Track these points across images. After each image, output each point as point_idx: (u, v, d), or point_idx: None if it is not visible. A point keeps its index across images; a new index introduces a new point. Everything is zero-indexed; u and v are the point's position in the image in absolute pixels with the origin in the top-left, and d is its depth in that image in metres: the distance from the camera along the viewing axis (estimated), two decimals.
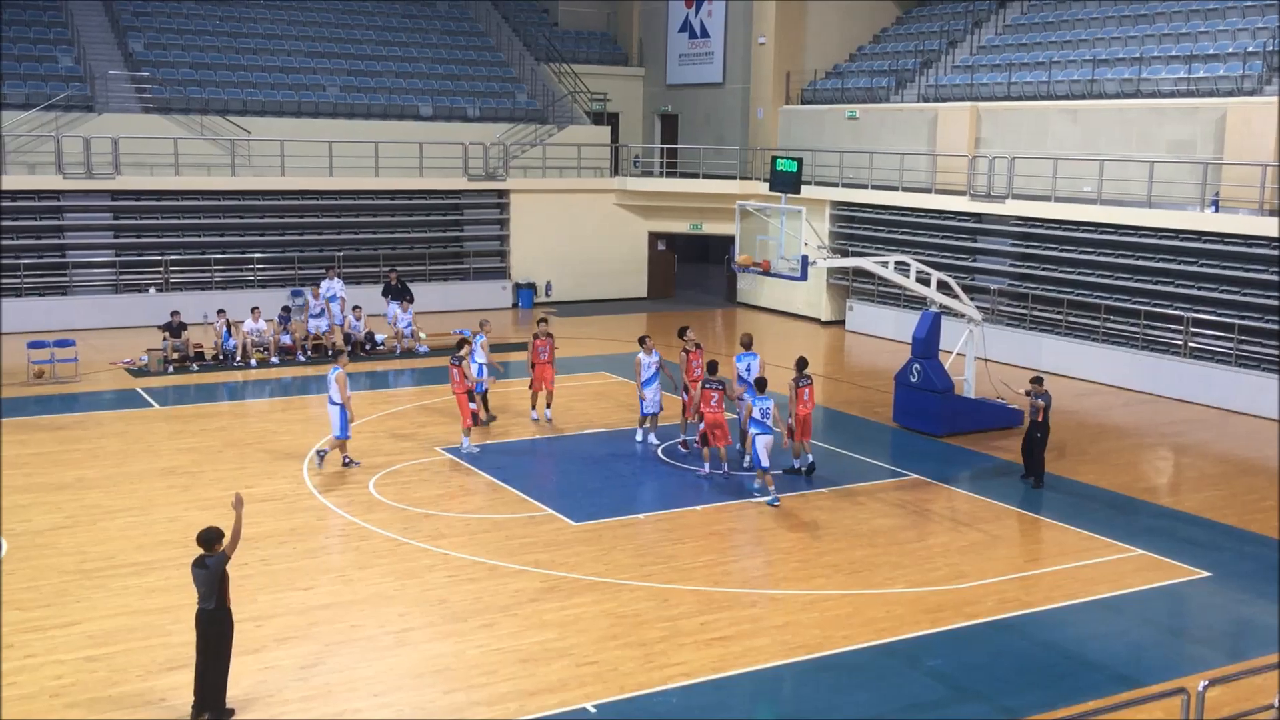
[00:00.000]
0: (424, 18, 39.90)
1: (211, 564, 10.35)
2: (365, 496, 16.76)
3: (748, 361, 18.70)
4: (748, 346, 19.17)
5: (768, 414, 16.92)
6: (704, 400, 17.87)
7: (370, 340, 26.56)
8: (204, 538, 10.51)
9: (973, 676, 11.79)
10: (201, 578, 10.35)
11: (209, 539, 10.51)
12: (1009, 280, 28.44)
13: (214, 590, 10.33)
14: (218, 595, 10.35)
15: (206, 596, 10.35)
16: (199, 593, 10.40)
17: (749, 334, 19.93)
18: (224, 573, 10.39)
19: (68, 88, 30.84)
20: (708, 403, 17.82)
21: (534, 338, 20.93)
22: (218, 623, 10.39)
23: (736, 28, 37.97)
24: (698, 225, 35.91)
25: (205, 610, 10.37)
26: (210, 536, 10.53)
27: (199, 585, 10.39)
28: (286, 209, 32.60)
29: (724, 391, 17.86)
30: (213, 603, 10.34)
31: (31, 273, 29.28)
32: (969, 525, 16.28)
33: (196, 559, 10.48)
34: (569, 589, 13.63)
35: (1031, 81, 29.72)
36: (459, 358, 19.03)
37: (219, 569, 10.34)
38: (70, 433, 19.93)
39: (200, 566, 10.40)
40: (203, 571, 10.36)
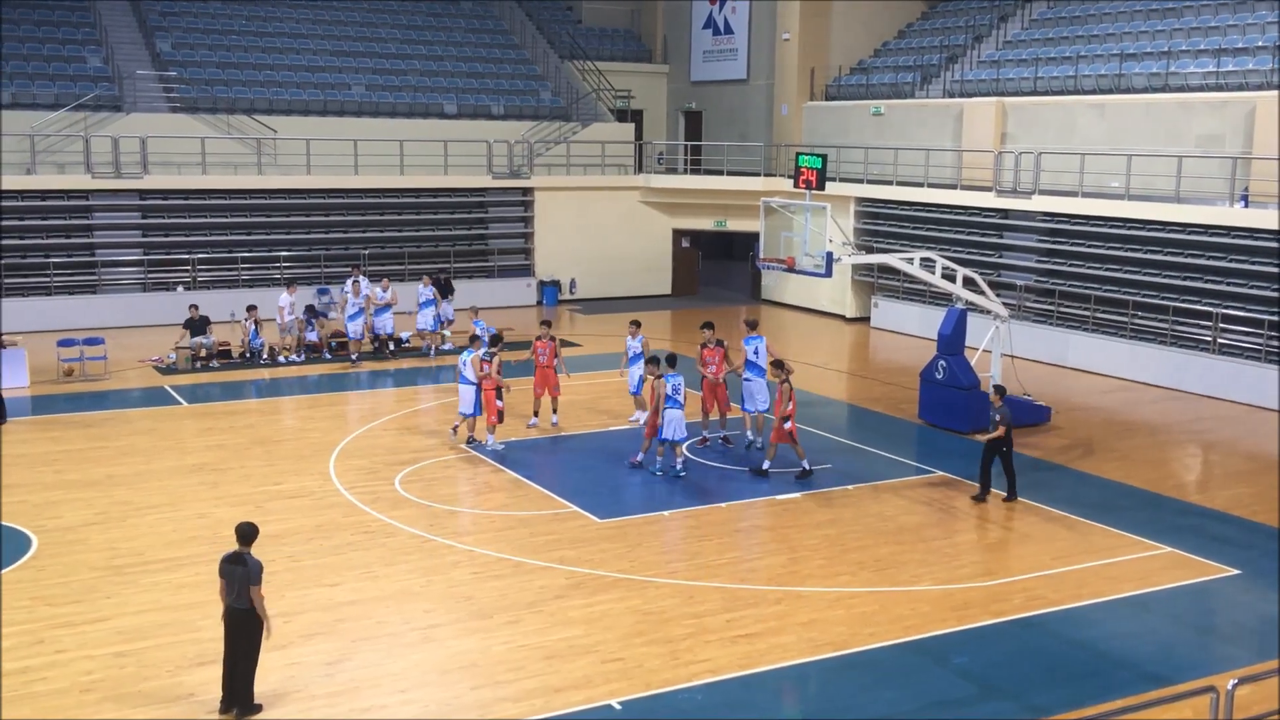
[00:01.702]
0: (448, 16, 40.01)
1: (251, 564, 10.34)
2: (391, 493, 16.83)
3: (756, 344, 19.17)
4: (753, 328, 19.66)
5: (679, 389, 17.58)
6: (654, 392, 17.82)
7: (396, 340, 26.57)
8: (242, 532, 10.55)
9: (1000, 674, 11.74)
10: (236, 575, 10.36)
11: (247, 534, 10.55)
12: (1035, 276, 28.27)
13: (246, 590, 10.33)
14: (249, 597, 10.36)
15: (239, 596, 10.37)
16: (231, 591, 10.42)
17: (755, 317, 20.29)
18: (258, 582, 10.35)
19: (96, 88, 31.10)
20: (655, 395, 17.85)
21: (535, 339, 20.64)
22: (249, 624, 10.42)
23: (761, 24, 37.90)
24: (722, 222, 35.87)
25: (238, 609, 10.41)
26: (248, 531, 10.57)
27: (232, 583, 10.40)
28: (312, 208, 32.77)
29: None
30: (245, 602, 10.36)
31: (61, 271, 29.54)
32: (995, 522, 16.20)
33: (231, 555, 10.48)
34: (594, 586, 13.65)
35: (1058, 76, 29.53)
36: (491, 353, 19.05)
37: (253, 578, 10.30)
38: (100, 430, 20.10)
39: (237, 563, 10.38)
40: (239, 569, 10.36)
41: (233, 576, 10.38)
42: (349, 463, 18.26)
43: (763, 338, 19.50)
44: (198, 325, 24.97)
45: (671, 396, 17.57)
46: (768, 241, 21.50)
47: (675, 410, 17.59)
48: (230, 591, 10.43)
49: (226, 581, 10.45)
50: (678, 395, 17.58)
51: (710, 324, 20.16)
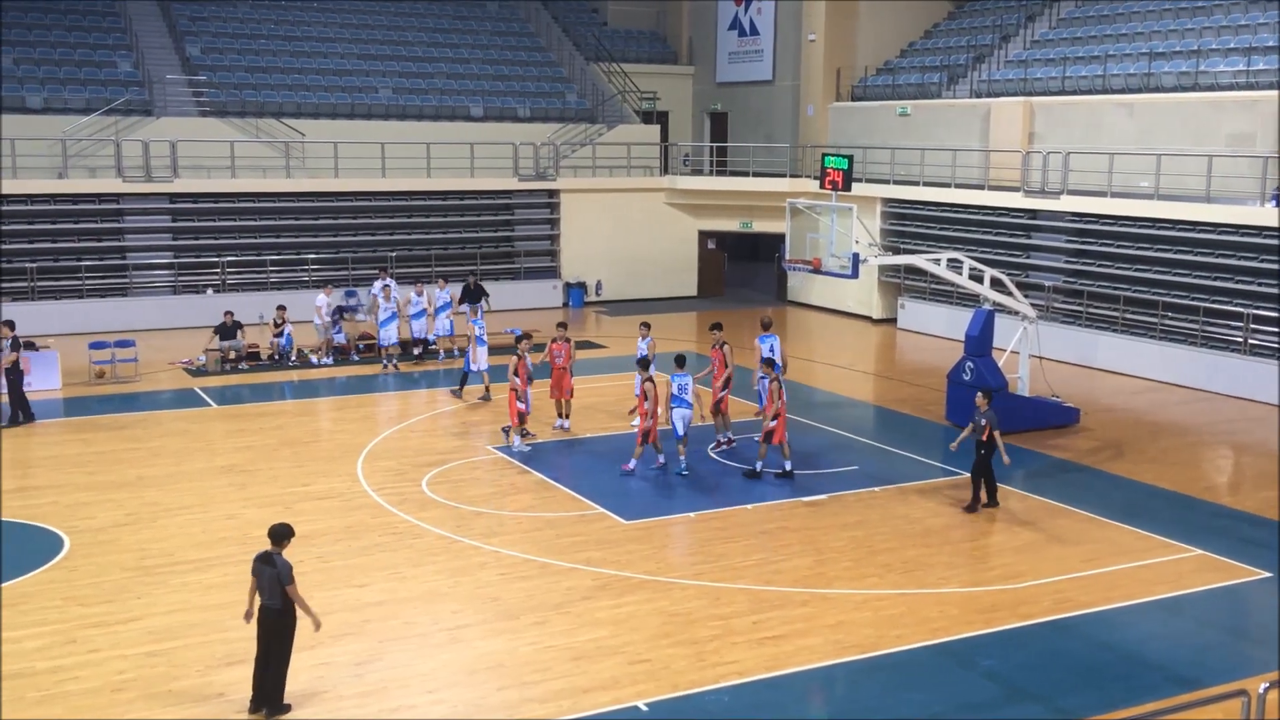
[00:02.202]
0: (474, 19, 40.15)
1: (280, 565, 10.43)
2: (418, 495, 16.91)
3: (770, 342, 19.47)
4: (768, 328, 19.92)
5: (686, 389, 17.94)
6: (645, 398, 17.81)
7: (424, 342, 26.62)
8: (275, 533, 10.65)
9: (1028, 677, 11.68)
10: (268, 575, 10.46)
11: (279, 534, 10.65)
12: (1064, 277, 28.11)
13: (279, 590, 10.44)
14: (283, 596, 10.46)
15: (272, 595, 10.48)
16: (264, 589, 10.52)
17: (769, 316, 20.63)
18: (292, 582, 10.47)
19: (127, 92, 31.37)
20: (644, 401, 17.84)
21: (551, 341, 20.61)
22: (282, 623, 10.54)
23: (786, 25, 37.84)
24: (748, 223, 35.84)
25: (272, 609, 10.52)
26: (281, 532, 10.67)
27: (263, 581, 10.49)
28: (340, 210, 32.95)
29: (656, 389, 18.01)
30: (279, 602, 10.47)
31: (93, 274, 29.82)
32: (1023, 524, 16.12)
33: (263, 554, 10.58)
34: (621, 587, 13.67)
35: (1086, 75, 29.35)
36: (521, 352, 19.11)
37: (286, 578, 10.41)
38: (131, 432, 20.27)
39: (268, 564, 10.48)
40: (268, 569, 10.46)
41: (264, 577, 10.50)
42: (377, 464, 18.35)
43: (776, 336, 19.78)
44: (229, 331, 25.14)
45: (678, 396, 17.95)
46: (794, 243, 21.47)
47: (683, 409, 17.96)
48: (262, 591, 10.55)
49: (258, 580, 10.57)
50: (684, 394, 17.97)
51: (718, 325, 20.14)
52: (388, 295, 25.33)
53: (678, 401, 18.01)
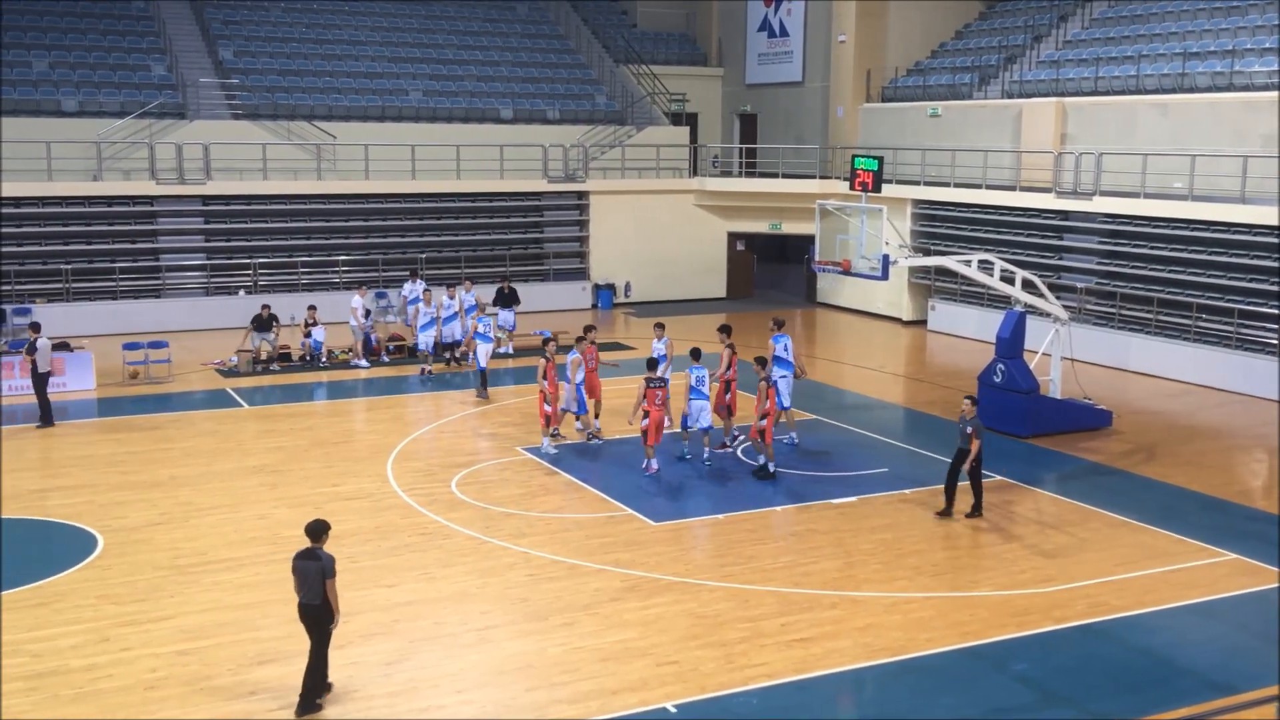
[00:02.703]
0: (504, 21, 40.26)
1: (325, 559, 10.56)
2: (448, 495, 16.96)
3: (784, 342, 19.73)
4: (781, 327, 20.13)
5: (703, 381, 18.34)
6: (649, 399, 17.94)
7: (453, 345, 26.59)
8: (312, 529, 10.78)
9: (1061, 681, 11.59)
10: (310, 570, 10.56)
11: (318, 530, 10.78)
12: (1096, 279, 27.89)
13: (320, 586, 10.54)
14: (323, 591, 10.57)
15: (311, 591, 10.59)
16: (303, 587, 10.63)
17: (781, 317, 20.91)
18: (332, 574, 10.59)
19: (160, 96, 31.64)
20: (651, 401, 17.93)
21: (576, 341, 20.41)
22: (320, 616, 10.66)
23: (816, 26, 37.75)
24: (777, 225, 35.76)
25: (310, 605, 10.64)
26: (318, 528, 10.79)
27: (303, 578, 10.61)
28: (371, 212, 33.12)
29: (664, 389, 18.18)
30: (317, 597, 10.58)
31: (127, 276, 30.10)
32: (1055, 528, 16.00)
33: (303, 551, 10.70)
34: (649, 589, 13.66)
35: (1119, 76, 29.12)
36: (550, 355, 19.15)
37: (328, 571, 10.53)
38: (164, 432, 20.44)
39: (310, 558, 10.60)
40: (312, 564, 10.57)
41: (306, 572, 10.60)
42: (406, 465, 18.42)
43: (788, 336, 19.97)
44: (264, 324, 25.28)
45: (695, 388, 18.31)
46: (823, 244, 21.42)
47: (699, 400, 18.31)
48: (302, 588, 10.66)
49: (299, 578, 10.66)
50: (701, 387, 18.35)
51: (726, 328, 20.20)
52: (428, 300, 25.22)
53: (696, 394, 18.31)
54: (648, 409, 18.07)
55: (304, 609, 10.68)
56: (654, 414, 18.03)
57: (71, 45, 32.75)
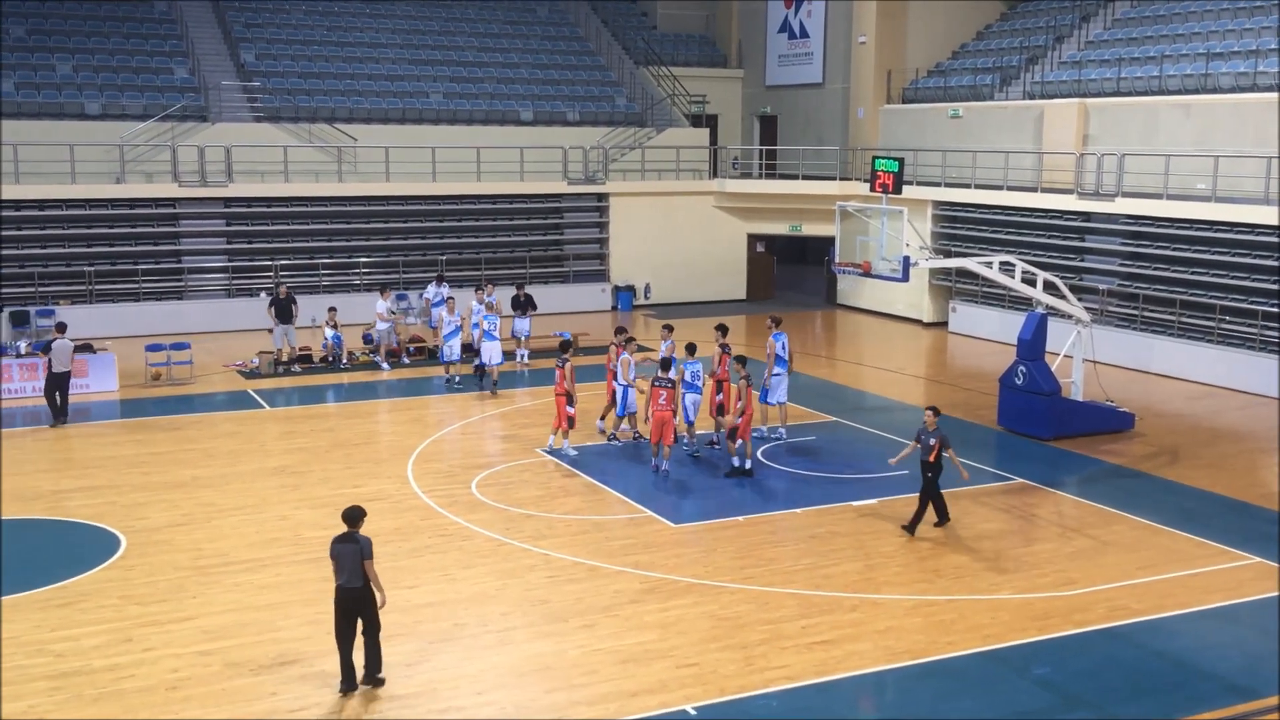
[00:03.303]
0: (524, 23, 40.33)
1: (363, 542, 10.86)
2: (468, 497, 17.00)
3: (782, 340, 20.07)
4: (778, 324, 20.46)
5: (698, 375, 18.89)
6: (653, 398, 18.01)
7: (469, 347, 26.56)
8: (351, 515, 11.06)
9: (1082, 685, 11.53)
10: (349, 554, 10.85)
11: (356, 516, 11.06)
12: (1119, 280, 27.75)
13: (360, 568, 10.81)
14: (365, 574, 10.86)
15: (353, 575, 10.84)
16: (343, 571, 10.87)
17: (778, 315, 21.08)
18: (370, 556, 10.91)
19: (183, 98, 31.83)
20: (656, 400, 17.97)
21: (612, 345, 20.42)
22: (366, 600, 10.95)
23: (836, 27, 37.68)
24: (797, 227, 35.71)
25: (352, 589, 10.88)
26: (355, 514, 11.08)
27: (343, 562, 10.86)
28: (391, 214, 33.23)
29: (673, 390, 18.12)
30: (359, 580, 10.85)
31: (149, 278, 30.28)
32: (1077, 531, 15.92)
33: (341, 535, 10.97)
34: (669, 590, 13.66)
35: (1142, 76, 28.97)
36: (565, 359, 19.17)
37: (367, 553, 10.84)
38: (185, 433, 20.55)
39: (350, 541, 10.88)
40: (351, 547, 10.85)
41: (345, 556, 10.86)
42: (426, 466, 18.47)
43: (785, 334, 20.24)
44: (284, 305, 25.28)
45: (690, 382, 18.86)
46: (844, 246, 21.37)
47: (694, 395, 18.96)
48: (342, 572, 10.90)
49: (338, 562, 10.91)
50: (695, 381, 18.93)
51: (723, 327, 20.31)
52: (451, 308, 24.42)
53: (689, 387, 18.80)
54: (652, 409, 18.12)
55: (345, 592, 10.91)
56: (657, 415, 18.02)
57: (95, 48, 32.98)
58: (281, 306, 25.32)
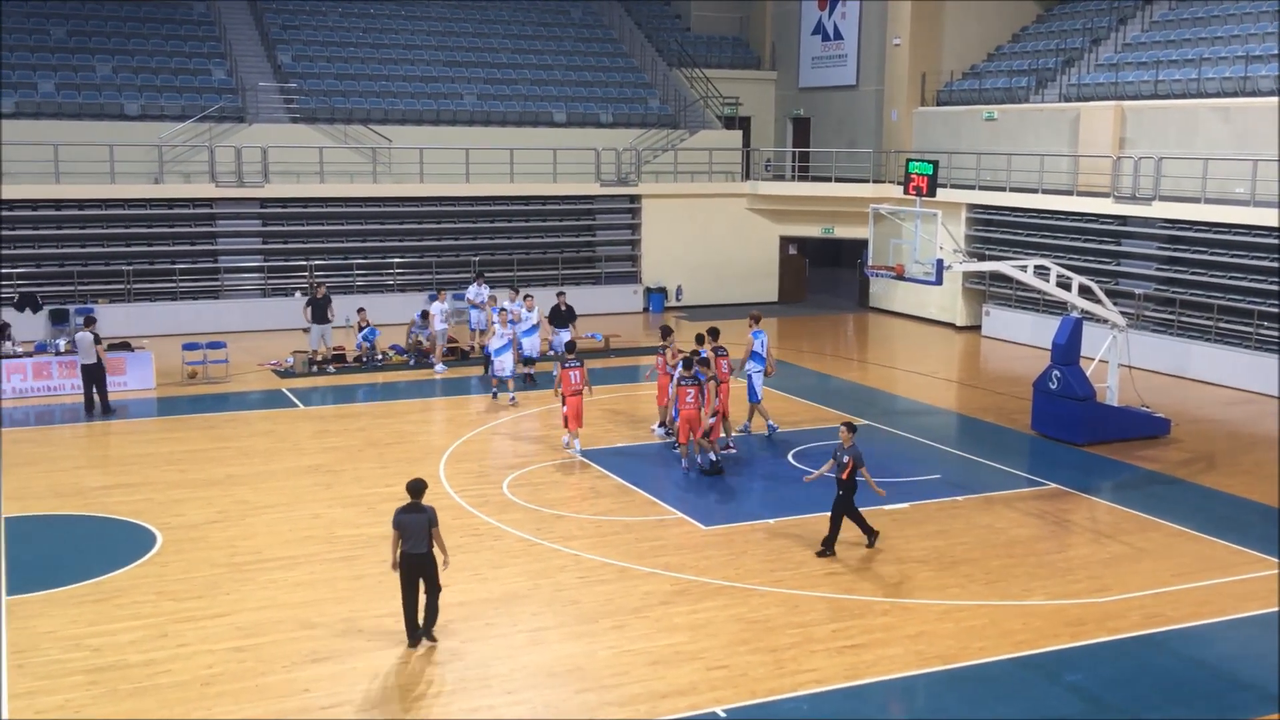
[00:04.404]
0: (558, 25, 40.44)
1: (430, 511, 11.90)
2: (499, 497, 17.06)
3: (761, 338, 20.38)
4: (758, 322, 20.76)
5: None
6: (680, 397, 18.09)
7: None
8: (416, 487, 12.02)
9: (1115, 692, 11.45)
10: (415, 522, 11.82)
11: (420, 488, 12.04)
12: (1155, 285, 27.52)
13: (426, 536, 11.82)
14: (429, 541, 11.85)
15: (419, 541, 11.82)
16: (409, 539, 11.82)
17: (758, 313, 21.42)
18: (437, 523, 11.95)
19: (220, 99, 32.11)
20: (683, 399, 18.05)
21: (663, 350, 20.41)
22: (430, 564, 11.95)
23: (871, 29, 37.55)
24: (829, 229, 35.62)
25: (417, 554, 11.86)
26: (420, 485, 12.07)
27: (412, 531, 11.81)
28: (425, 214, 33.41)
29: (700, 388, 18.13)
30: (424, 546, 11.86)
31: (186, 277, 30.57)
32: (1111, 537, 15.81)
33: (407, 506, 11.94)
34: (699, 593, 13.66)
35: (1180, 79, 28.72)
36: (575, 360, 19.38)
37: (434, 520, 11.89)
38: (221, 431, 20.74)
39: (417, 511, 11.86)
40: (419, 516, 11.85)
41: (411, 525, 11.84)
42: (458, 466, 18.56)
43: (765, 332, 20.59)
44: (320, 305, 25.44)
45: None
46: (876, 248, 21.30)
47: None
48: (408, 540, 11.86)
49: (404, 531, 11.86)
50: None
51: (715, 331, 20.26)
52: (504, 320, 22.86)
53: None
54: (680, 408, 18.23)
55: (410, 558, 11.88)
56: (687, 412, 18.10)
57: (134, 50, 33.33)
58: (318, 306, 25.48)
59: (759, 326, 20.66)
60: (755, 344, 20.26)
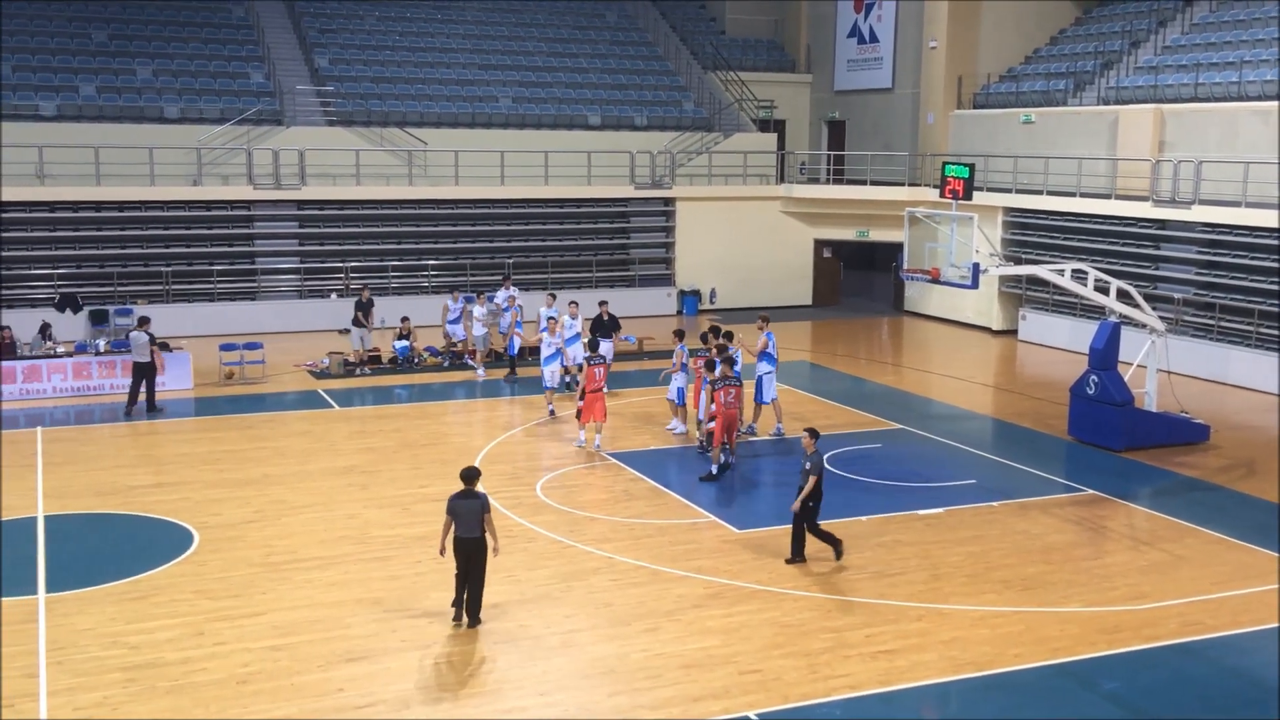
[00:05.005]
0: (593, 29, 40.52)
1: (483, 497, 12.54)
2: (533, 499, 17.10)
3: (773, 340, 20.48)
4: (767, 323, 21.02)
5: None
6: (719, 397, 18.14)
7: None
8: (471, 475, 12.65)
9: (1152, 701, 11.34)
10: (469, 508, 12.45)
11: (474, 475, 12.67)
12: (1194, 289, 27.23)
13: (479, 522, 12.43)
14: (481, 526, 12.45)
15: (472, 526, 12.44)
16: (462, 524, 12.44)
17: (767, 314, 22.25)
18: (489, 509, 12.57)
19: (258, 103, 32.39)
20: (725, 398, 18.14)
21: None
22: (481, 548, 12.53)
23: (907, 32, 37.38)
24: (864, 232, 35.49)
25: (471, 539, 12.47)
26: (474, 473, 12.69)
27: (465, 516, 12.44)
28: (460, 217, 33.54)
29: (740, 389, 18.26)
30: (477, 531, 12.47)
31: (224, 278, 30.84)
32: (1150, 544, 15.65)
33: (461, 493, 12.54)
34: (732, 596, 13.64)
35: (1220, 82, 28.41)
36: (600, 357, 19.77)
37: (486, 507, 12.52)
38: (257, 431, 20.91)
39: (470, 498, 12.47)
40: (473, 502, 12.47)
41: (464, 510, 12.45)
42: (492, 468, 18.60)
43: (772, 333, 20.58)
44: (364, 307, 25.61)
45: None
46: (912, 252, 21.21)
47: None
48: (461, 525, 12.46)
49: (457, 516, 12.46)
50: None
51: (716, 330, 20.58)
52: (553, 328, 22.24)
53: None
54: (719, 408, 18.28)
55: (464, 542, 12.47)
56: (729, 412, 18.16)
57: (174, 53, 33.67)
58: (362, 310, 25.70)
59: (768, 327, 20.77)
60: (769, 345, 20.32)
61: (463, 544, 12.52)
